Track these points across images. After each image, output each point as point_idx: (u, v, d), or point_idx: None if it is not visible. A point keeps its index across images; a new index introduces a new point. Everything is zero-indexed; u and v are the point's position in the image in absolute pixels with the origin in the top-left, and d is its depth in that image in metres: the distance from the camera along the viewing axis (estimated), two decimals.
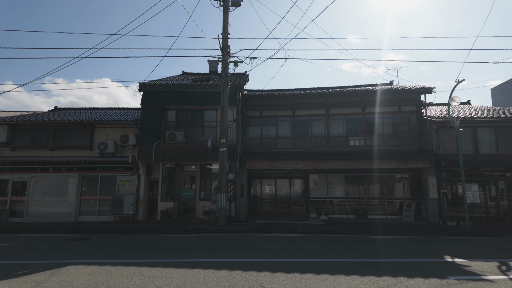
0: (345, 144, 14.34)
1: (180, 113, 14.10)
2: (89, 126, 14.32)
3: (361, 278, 5.29)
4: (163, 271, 5.66)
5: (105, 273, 5.57)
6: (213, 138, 13.37)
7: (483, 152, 13.50)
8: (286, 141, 14.67)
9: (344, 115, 14.52)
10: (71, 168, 13.85)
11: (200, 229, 10.81)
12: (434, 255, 7.24)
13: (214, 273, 5.51)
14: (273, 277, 5.29)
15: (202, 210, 13.76)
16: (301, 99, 14.64)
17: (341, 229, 10.88)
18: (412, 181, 14.05)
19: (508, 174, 13.50)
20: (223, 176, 11.57)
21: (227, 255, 7.08)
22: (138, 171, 13.83)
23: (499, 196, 13.42)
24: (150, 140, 13.36)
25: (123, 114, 16.34)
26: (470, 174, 13.15)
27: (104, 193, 13.98)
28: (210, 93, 13.61)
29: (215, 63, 14.77)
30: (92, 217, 13.76)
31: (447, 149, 13.47)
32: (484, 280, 5.22)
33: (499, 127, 13.59)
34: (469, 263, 6.44)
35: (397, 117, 14.37)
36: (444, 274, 5.51)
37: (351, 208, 14.13)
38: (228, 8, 12.04)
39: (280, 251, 7.52)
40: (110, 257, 6.90)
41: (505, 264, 6.36)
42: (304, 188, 14.83)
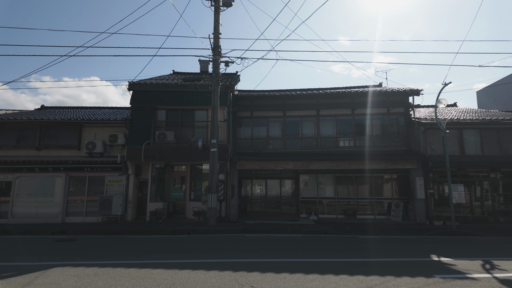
0: (335, 145, 14.48)
1: (170, 113, 13.99)
2: (77, 125, 14.07)
3: (350, 277, 5.35)
4: (152, 272, 5.62)
5: (93, 275, 5.48)
6: (204, 138, 13.32)
7: (469, 153, 13.82)
8: (276, 141, 14.72)
9: (334, 116, 14.67)
10: (58, 168, 13.58)
11: (190, 230, 10.75)
12: (421, 255, 7.38)
13: (204, 274, 5.49)
14: (263, 277, 5.31)
15: (192, 210, 13.69)
16: (292, 100, 14.72)
17: (330, 229, 10.97)
18: (400, 181, 14.27)
19: (493, 174, 13.85)
20: (214, 177, 11.53)
21: (217, 255, 7.06)
22: (127, 171, 13.66)
23: (483, 196, 13.76)
24: (140, 140, 13.22)
25: (112, 113, 16.12)
26: (456, 174, 13.44)
27: (92, 193, 13.76)
28: (200, 93, 13.55)
29: (206, 63, 14.73)
30: (79, 218, 13.53)
31: (434, 150, 13.74)
32: (469, 278, 5.35)
33: (484, 129, 13.94)
34: (455, 262, 6.59)
35: (386, 119, 14.58)
36: (430, 273, 5.62)
37: (341, 208, 14.27)
38: (219, 8, 12.02)
39: (270, 251, 7.54)
40: (98, 258, 6.80)
41: (489, 262, 6.53)
42: (294, 189, 14.91)
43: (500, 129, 13.90)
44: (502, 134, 13.90)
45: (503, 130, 13.91)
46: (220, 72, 12.06)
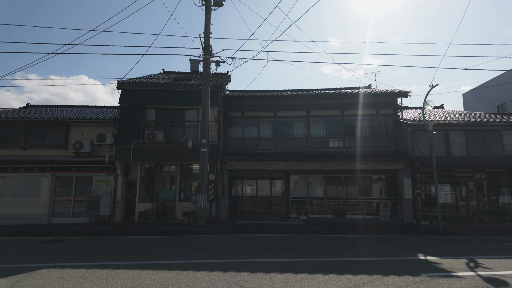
0: (324, 145, 14.60)
1: (160, 112, 13.86)
2: (64, 124, 13.81)
3: (339, 276, 5.40)
4: (140, 273, 5.55)
5: (79, 277, 5.39)
6: (194, 138, 13.24)
7: (455, 154, 14.13)
8: (267, 142, 14.75)
9: (324, 117, 14.78)
10: (44, 168, 13.30)
11: (179, 231, 10.66)
12: (408, 254, 7.50)
13: (193, 274, 5.46)
14: (252, 277, 5.31)
15: (182, 211, 13.58)
16: (283, 101, 14.78)
17: (320, 229, 11.05)
18: (388, 182, 14.48)
19: (477, 175, 14.19)
20: (204, 177, 11.48)
21: (206, 256, 7.03)
22: (116, 171, 13.47)
23: (469, 196, 14.08)
24: (129, 139, 13.06)
25: (101, 112, 15.87)
26: (442, 175, 13.72)
27: (79, 193, 13.52)
28: (191, 92, 13.47)
29: (197, 62, 14.63)
30: (66, 218, 13.27)
31: (422, 151, 13.99)
32: (454, 277, 5.47)
33: (470, 130, 14.27)
34: (440, 260, 6.73)
35: (374, 120, 14.78)
36: (417, 272, 5.72)
37: (330, 208, 14.39)
38: (210, 8, 11.97)
39: (260, 252, 7.55)
40: (85, 259, 6.68)
41: (473, 261, 6.69)
42: (284, 189, 14.96)
43: (485, 130, 14.25)
44: (487, 136, 14.25)
45: (487, 132, 14.26)
46: (210, 71, 12.02)
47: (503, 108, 24.13)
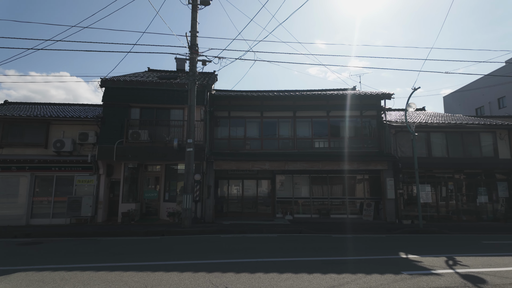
0: (310, 146, 14.74)
1: (144, 111, 13.65)
2: (44, 122, 13.38)
3: (323, 275, 5.46)
4: (123, 275, 5.45)
5: (59, 279, 5.24)
6: (180, 137, 13.10)
7: (436, 155, 14.54)
8: (254, 142, 14.76)
9: (310, 118, 14.93)
10: (22, 167, 12.85)
11: (163, 231, 10.52)
12: (390, 252, 7.67)
13: (178, 276, 5.40)
14: (237, 278, 5.30)
15: (167, 211, 13.42)
16: (270, 101, 14.82)
17: (305, 228, 11.15)
18: (372, 182, 14.76)
19: (457, 175, 14.66)
20: (189, 177, 11.37)
21: (191, 257, 6.96)
22: (98, 171, 13.16)
23: (448, 196, 14.53)
24: (112, 138, 12.79)
25: (83, 110, 15.47)
26: (424, 175, 14.09)
27: (60, 194, 13.14)
28: (177, 91, 13.32)
29: (183, 61, 14.50)
30: (45, 219, 12.86)
31: (404, 152, 14.33)
32: (434, 274, 5.63)
33: (450, 132, 14.72)
34: (421, 258, 6.91)
35: (359, 121, 15.03)
36: (398, 270, 5.86)
37: (315, 208, 14.54)
38: (197, 6, 11.88)
39: (245, 252, 7.55)
40: (65, 262, 6.49)
41: (452, 259, 6.90)
42: (271, 189, 15.01)
43: (464, 132, 14.74)
44: (466, 138, 14.74)
45: (466, 134, 14.76)
46: (197, 70, 11.92)
47: (481, 111, 25.04)
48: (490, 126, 14.68)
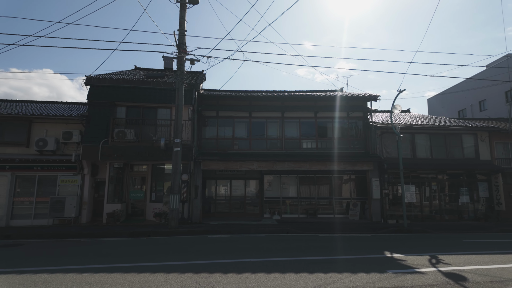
0: (298, 146, 14.83)
1: (130, 110, 13.43)
2: (26, 120, 12.99)
3: (310, 275, 5.50)
4: (108, 277, 5.34)
5: (41, 282, 5.09)
6: (167, 137, 12.95)
7: (420, 156, 14.88)
8: (242, 142, 14.74)
9: (298, 119, 15.02)
10: (2, 167, 12.44)
11: (150, 232, 10.38)
12: (376, 251, 7.79)
13: (164, 277, 5.34)
14: (224, 278, 5.27)
15: (153, 212, 13.24)
16: (258, 101, 14.83)
17: (292, 228, 11.21)
18: (358, 182, 14.97)
19: (440, 176, 15.05)
20: (176, 177, 11.25)
21: (178, 257, 6.89)
22: (82, 171, 12.87)
23: (432, 196, 14.89)
24: (97, 137, 12.53)
25: (67, 108, 15.10)
26: (408, 176, 14.40)
27: (42, 194, 12.78)
28: (164, 90, 13.17)
29: (170, 59, 14.31)
30: (27, 220, 12.49)
31: (389, 153, 14.60)
32: (417, 273, 5.75)
33: (433, 134, 15.10)
34: (405, 257, 7.05)
35: (345, 122, 15.22)
36: (383, 269, 5.96)
37: (303, 208, 14.64)
38: (185, 5, 11.77)
39: (232, 252, 7.52)
40: (47, 264, 6.32)
41: (435, 257, 7.07)
42: (259, 189, 15.02)
43: (447, 134, 15.14)
44: (449, 139, 15.15)
45: (449, 136, 15.16)
46: (185, 69, 11.81)
47: (463, 113, 25.77)
48: (471, 128, 15.13)
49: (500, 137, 15.46)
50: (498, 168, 14.74)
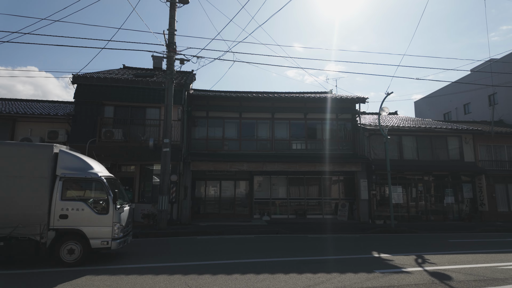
0: (288, 147, 14.90)
1: (118, 110, 13.24)
2: (9, 119, 12.64)
3: (299, 275, 5.53)
4: (94, 279, 5.24)
5: (25, 286, 4.95)
6: (156, 137, 12.81)
7: (407, 157, 15.16)
8: (232, 142, 14.71)
9: (288, 120, 15.08)
10: None
11: (138, 234, 10.21)
12: (363, 252, 7.90)
13: (152, 278, 5.28)
14: (214, 279, 5.25)
15: (141, 213, 13.04)
16: (248, 102, 14.83)
17: (282, 229, 11.24)
18: (346, 183, 15.14)
19: (426, 177, 15.36)
20: (165, 178, 11.14)
21: (166, 259, 6.82)
22: None
23: (418, 197, 15.18)
24: (84, 137, 12.28)
25: (53, 107, 14.76)
26: (395, 177, 14.64)
27: None
28: (153, 90, 13.03)
29: (160, 59, 14.19)
30: None
31: (377, 154, 14.82)
32: (404, 272, 5.85)
33: (420, 136, 15.41)
34: (392, 257, 7.17)
35: (334, 124, 15.37)
36: (371, 269, 6.04)
37: (292, 208, 14.71)
38: (175, 4, 11.67)
39: (222, 253, 7.50)
40: (30, 266, 6.16)
41: (421, 257, 7.21)
42: (248, 190, 15.01)
43: (433, 136, 15.48)
44: (435, 141, 15.49)
45: (435, 138, 15.50)
46: (174, 69, 11.71)
47: (448, 116, 26.35)
48: (456, 130, 15.51)
49: (483, 139, 15.90)
50: (481, 169, 15.15)
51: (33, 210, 6.01)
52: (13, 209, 5.95)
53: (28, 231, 5.93)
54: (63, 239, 6.13)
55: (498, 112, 19.55)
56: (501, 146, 16.21)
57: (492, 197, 15.11)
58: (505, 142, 16.20)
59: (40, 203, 6.05)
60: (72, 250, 6.11)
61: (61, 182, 6.26)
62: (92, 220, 6.26)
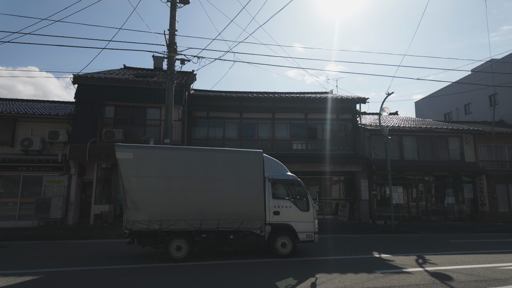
0: (288, 147, 14.89)
1: (119, 110, 13.24)
2: (11, 119, 12.64)
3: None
4: (94, 280, 5.24)
5: (25, 285, 4.96)
6: (156, 137, 12.80)
7: (407, 158, 15.15)
8: (233, 143, 14.69)
9: (288, 120, 15.08)
10: None
11: None
12: (364, 252, 7.89)
13: (152, 279, 5.27)
14: (211, 281, 5.24)
15: None
16: (249, 102, 14.83)
17: None
18: (347, 183, 15.13)
19: (427, 177, 15.34)
20: None
21: (164, 259, 6.82)
22: (69, 171, 12.60)
23: (419, 197, 15.17)
24: (85, 137, 12.29)
25: (53, 107, 14.77)
26: (396, 177, 14.63)
27: (27, 195, 12.45)
28: (154, 90, 13.03)
29: (160, 59, 14.17)
30: (10, 222, 12.13)
31: (378, 155, 14.81)
32: (405, 273, 5.85)
33: (420, 136, 15.40)
34: (393, 258, 7.16)
35: (335, 124, 15.35)
36: (372, 269, 6.04)
37: None
38: (176, 5, 11.67)
39: (221, 253, 7.49)
40: (32, 266, 6.16)
41: (422, 257, 7.20)
42: None
43: (433, 136, 15.46)
44: (435, 142, 15.48)
45: (436, 138, 15.49)
46: (175, 69, 11.70)
47: (449, 116, 26.33)
48: (457, 131, 15.49)
49: (484, 140, 15.88)
50: (482, 170, 15.13)
51: (254, 207, 6.92)
52: (240, 207, 6.86)
53: (250, 226, 6.84)
54: (276, 233, 7.03)
55: (499, 112, 19.53)
56: (502, 147, 16.20)
57: (493, 197, 15.08)
58: (506, 142, 16.18)
59: (258, 201, 6.95)
60: (285, 243, 7.02)
61: (270, 183, 7.24)
62: (298, 216, 7.21)
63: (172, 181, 6.72)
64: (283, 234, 7.03)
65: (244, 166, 7.07)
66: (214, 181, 6.84)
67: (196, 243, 6.72)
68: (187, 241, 6.62)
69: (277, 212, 7.07)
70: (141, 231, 6.53)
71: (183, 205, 6.67)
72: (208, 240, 6.73)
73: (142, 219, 6.51)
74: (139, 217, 6.53)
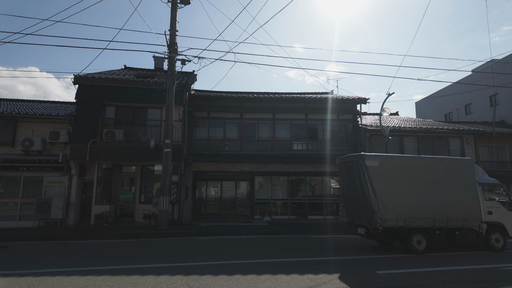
0: (289, 148, 14.89)
1: (120, 110, 13.25)
2: (11, 119, 12.65)
3: (300, 276, 5.53)
4: (96, 280, 5.25)
5: (26, 285, 4.97)
6: (157, 138, 12.82)
7: None
8: (233, 143, 14.71)
9: (289, 120, 15.08)
10: None
11: (139, 234, 10.25)
12: (365, 253, 7.89)
13: (154, 279, 5.28)
14: (215, 280, 5.25)
15: (142, 213, 13.07)
16: (249, 102, 14.83)
17: (283, 229, 11.24)
18: None
19: None
20: (167, 178, 11.15)
21: (168, 259, 6.83)
22: (70, 172, 12.61)
23: None
24: (85, 137, 12.30)
25: (54, 108, 14.79)
26: None
27: (27, 195, 12.45)
28: (154, 90, 13.04)
29: (161, 59, 14.19)
30: (11, 222, 12.14)
31: None
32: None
33: (421, 136, 15.39)
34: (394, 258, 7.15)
35: (335, 124, 15.35)
36: (373, 269, 6.03)
37: (293, 209, 14.70)
38: (176, 5, 11.70)
39: (223, 254, 7.50)
40: (33, 267, 6.17)
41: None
42: (249, 190, 15.01)
43: (434, 137, 15.45)
44: (436, 142, 15.47)
45: (436, 138, 15.48)
46: (176, 70, 11.73)
47: (450, 117, 26.32)
48: (457, 131, 15.48)
49: (485, 140, 15.87)
50: None
51: (472, 208, 8.04)
52: (461, 207, 7.96)
53: (470, 224, 7.96)
54: (491, 230, 8.20)
55: (500, 113, 19.52)
56: (503, 147, 16.19)
57: None
58: (506, 143, 16.17)
59: (475, 203, 8.10)
60: (498, 239, 8.21)
61: (480, 186, 8.36)
62: (506, 215, 8.45)
63: (408, 185, 7.79)
64: (496, 231, 8.21)
65: (461, 172, 8.19)
66: (440, 186, 7.90)
67: (432, 238, 7.81)
68: (425, 237, 7.72)
69: (490, 212, 8.29)
70: (390, 228, 7.55)
71: (419, 206, 7.73)
72: (441, 236, 7.87)
73: (391, 217, 7.54)
74: (388, 215, 7.53)
